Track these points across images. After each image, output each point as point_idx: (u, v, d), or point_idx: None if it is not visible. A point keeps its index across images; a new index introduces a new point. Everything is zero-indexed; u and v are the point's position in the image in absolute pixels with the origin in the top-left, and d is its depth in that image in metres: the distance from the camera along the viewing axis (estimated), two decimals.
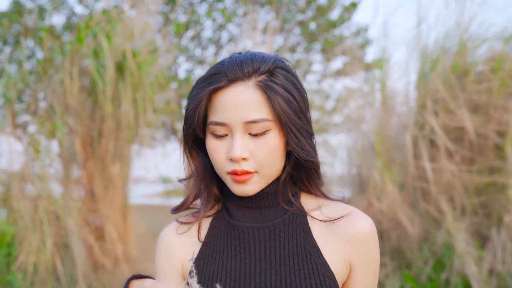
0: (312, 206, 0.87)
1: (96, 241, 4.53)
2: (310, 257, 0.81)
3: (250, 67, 0.80)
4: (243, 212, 0.86)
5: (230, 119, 0.79)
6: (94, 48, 4.11)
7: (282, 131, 0.81)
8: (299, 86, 0.83)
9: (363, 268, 0.84)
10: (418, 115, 4.76)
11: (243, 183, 0.81)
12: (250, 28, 6.50)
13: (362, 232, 0.84)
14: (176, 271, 0.89)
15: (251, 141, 0.80)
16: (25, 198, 3.56)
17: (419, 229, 4.30)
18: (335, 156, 5.56)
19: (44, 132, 3.97)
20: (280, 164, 0.84)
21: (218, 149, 0.82)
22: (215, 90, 0.80)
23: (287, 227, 0.84)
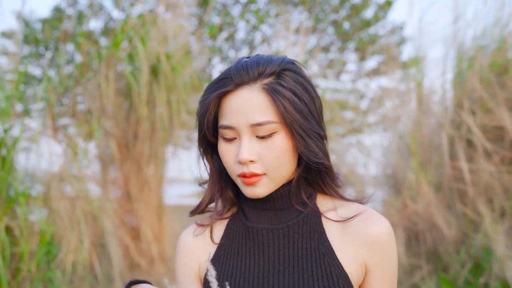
0: (328, 207, 0.87)
1: (132, 241, 4.63)
2: (324, 258, 0.81)
3: (255, 70, 0.81)
4: (258, 214, 0.87)
5: (237, 123, 0.81)
6: (129, 52, 4.21)
7: (290, 133, 0.81)
8: (309, 88, 0.83)
9: (380, 270, 0.83)
10: (455, 115, 4.65)
11: (252, 185, 0.82)
12: (283, 29, 6.51)
13: (378, 234, 0.82)
14: (194, 273, 0.91)
15: (259, 143, 0.81)
16: (64, 198, 3.67)
17: (456, 231, 4.20)
18: (369, 157, 5.50)
19: (82, 135, 4.09)
20: (290, 166, 0.84)
21: (228, 152, 0.83)
22: (223, 94, 0.82)
23: (301, 228, 0.84)
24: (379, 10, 11.12)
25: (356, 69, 12.14)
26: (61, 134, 4.47)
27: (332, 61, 11.55)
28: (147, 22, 4.42)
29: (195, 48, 5.36)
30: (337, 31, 11.26)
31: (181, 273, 0.93)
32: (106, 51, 4.18)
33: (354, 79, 11.97)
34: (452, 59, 4.99)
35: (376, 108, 7.12)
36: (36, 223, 3.35)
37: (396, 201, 4.65)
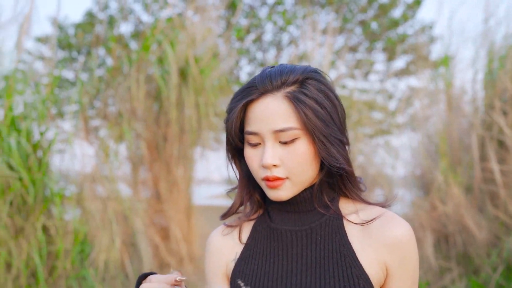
0: (350, 210, 0.90)
1: (162, 240, 4.72)
2: (345, 260, 0.83)
3: (278, 79, 0.84)
4: (282, 216, 0.91)
5: (261, 129, 0.84)
6: (159, 56, 4.30)
7: (312, 139, 0.84)
8: (331, 96, 0.86)
9: (400, 273, 0.85)
10: (486, 115, 4.58)
11: (276, 189, 0.85)
12: (310, 30, 6.52)
13: (398, 236, 0.84)
14: (222, 272, 0.95)
15: (281, 148, 0.84)
16: (96, 198, 3.78)
17: (487, 234, 4.13)
18: (397, 158, 5.46)
19: (113, 137, 4.20)
20: (312, 170, 0.87)
21: (253, 157, 0.87)
22: (248, 102, 0.86)
23: (323, 230, 0.87)
24: (408, 9, 10.99)
25: (384, 69, 12.03)
26: (93, 136, 4.60)
27: (360, 61, 11.47)
28: (176, 25, 4.50)
29: (223, 51, 5.42)
30: (365, 31, 11.18)
31: (210, 271, 0.98)
32: (136, 55, 4.28)
33: (382, 79, 11.87)
34: (483, 58, 4.91)
35: (404, 108, 7.05)
36: (70, 222, 3.46)
37: (425, 202, 4.61)
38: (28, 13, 3.84)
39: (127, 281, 3.90)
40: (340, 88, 7.98)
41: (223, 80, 5.33)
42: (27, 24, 3.82)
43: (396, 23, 10.86)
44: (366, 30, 11.11)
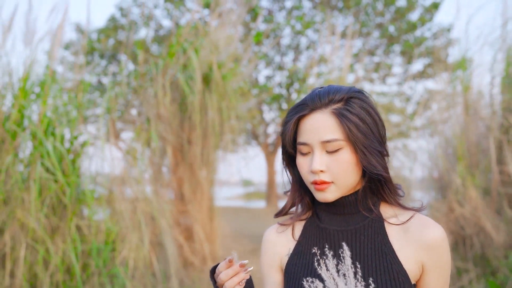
0: (389, 214, 1.03)
1: (186, 240, 4.88)
2: (386, 257, 0.96)
3: (326, 98, 0.99)
4: (330, 217, 1.05)
5: (311, 140, 0.98)
6: (183, 63, 4.46)
7: (354, 149, 0.97)
8: (373, 113, 1.00)
9: (435, 270, 0.98)
10: (503, 119, 4.64)
11: (322, 191, 0.98)
12: (328, 33, 6.62)
13: (435, 239, 0.96)
14: (276, 264, 1.09)
15: (327, 157, 0.98)
16: (125, 200, 3.95)
17: (505, 236, 4.20)
18: (415, 160, 5.51)
19: (140, 140, 4.38)
20: (354, 176, 0.99)
21: (303, 164, 1.01)
22: (300, 117, 1.02)
23: (366, 231, 1.01)
24: (425, 12, 10.99)
25: (401, 72, 12.04)
26: (121, 140, 4.79)
27: (378, 65, 11.50)
28: (199, 32, 4.66)
29: (244, 56, 5.57)
30: (383, 35, 11.21)
31: (266, 264, 1.11)
32: (162, 62, 4.45)
33: (400, 82, 11.88)
34: (501, 62, 4.97)
35: (422, 111, 7.10)
36: (102, 222, 3.64)
37: (443, 205, 4.68)
38: (61, 23, 4.04)
39: (154, 279, 4.07)
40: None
41: (244, 85, 5.48)
42: (60, 34, 4.01)
43: (414, 26, 10.87)
44: (383, 33, 11.14)
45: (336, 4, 11.33)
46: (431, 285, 0.98)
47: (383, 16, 11.25)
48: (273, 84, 12.06)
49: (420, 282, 0.99)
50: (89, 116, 5.62)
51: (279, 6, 11.63)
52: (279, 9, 11.67)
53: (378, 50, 11.77)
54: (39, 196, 3.35)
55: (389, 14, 11.22)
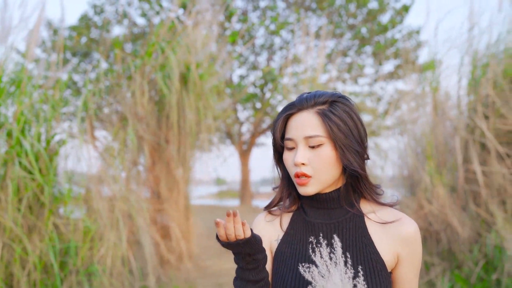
0: (368, 210, 1.14)
1: (162, 239, 4.93)
2: (366, 248, 1.08)
3: (312, 100, 1.11)
4: (314, 212, 1.15)
5: (296, 135, 1.09)
6: (161, 63, 4.50)
7: (334, 146, 1.10)
8: (354, 117, 1.11)
9: (409, 261, 1.09)
10: (469, 119, 4.84)
11: (304, 185, 1.08)
12: (302, 34, 6.74)
13: (409, 233, 1.08)
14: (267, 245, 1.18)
15: (310, 151, 1.08)
16: (103, 198, 3.97)
17: (469, 231, 4.40)
18: (386, 159, 5.67)
19: (118, 139, 4.40)
20: (333, 172, 1.09)
21: (288, 158, 1.11)
22: (288, 116, 1.13)
23: (348, 224, 1.12)
24: (396, 15, 11.26)
25: (373, 72, 12.30)
26: (98, 139, 4.79)
27: (350, 65, 11.72)
28: (177, 32, 4.70)
29: (219, 56, 5.63)
30: (355, 36, 11.43)
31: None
32: (140, 61, 4.48)
33: (371, 83, 12.14)
34: (467, 65, 5.17)
35: (392, 111, 7.29)
36: (80, 221, 3.66)
37: (412, 202, 4.85)
38: (38, 21, 4.03)
39: (132, 277, 4.10)
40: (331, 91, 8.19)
41: (220, 84, 5.55)
42: (36, 32, 4.00)
43: (385, 28, 11.12)
44: (356, 34, 11.36)
45: (310, 5, 11.49)
46: (404, 274, 1.10)
47: (356, 17, 11.47)
48: (247, 83, 12.16)
49: (395, 271, 1.10)
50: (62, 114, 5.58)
51: (253, 5, 11.71)
52: (253, 9, 11.75)
53: (350, 51, 11.99)
54: (16, 195, 3.35)
55: (361, 16, 11.45)
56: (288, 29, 11.08)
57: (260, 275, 1.04)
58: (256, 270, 1.04)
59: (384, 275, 1.05)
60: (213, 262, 5.61)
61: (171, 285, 4.49)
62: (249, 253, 1.01)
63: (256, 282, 1.04)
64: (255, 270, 1.03)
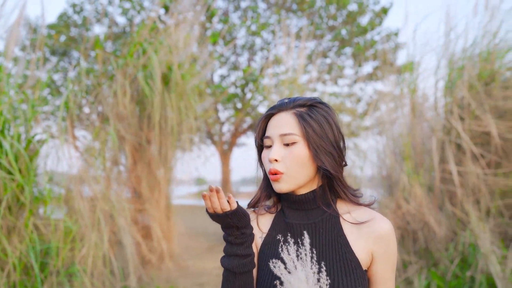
0: (344, 210, 1.19)
1: (143, 239, 4.93)
2: (341, 247, 1.12)
3: (292, 103, 1.17)
4: (293, 213, 1.20)
5: (273, 133, 1.15)
6: (143, 63, 4.50)
7: (308, 146, 1.14)
8: (331, 121, 1.16)
9: (383, 259, 1.13)
10: (445, 121, 4.96)
11: (277, 182, 1.13)
12: (283, 35, 6.80)
13: (383, 231, 1.12)
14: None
15: (284, 149, 1.13)
16: (84, 199, 3.96)
17: (445, 230, 4.51)
18: (365, 159, 5.77)
19: (99, 139, 4.38)
20: (306, 171, 1.13)
21: (265, 155, 1.17)
22: (269, 116, 1.19)
23: (324, 225, 1.16)
24: (375, 17, 11.42)
25: (352, 73, 12.45)
26: (79, 138, 4.76)
27: (330, 66, 11.83)
28: (159, 32, 4.71)
29: (201, 56, 5.65)
30: (335, 37, 11.55)
31: None
32: (123, 61, 4.47)
33: (351, 84, 12.28)
34: (444, 68, 5.30)
35: (371, 111, 7.40)
36: (60, 222, 3.64)
37: (390, 202, 4.95)
38: (18, 20, 3.99)
39: (113, 277, 4.10)
40: (311, 91, 8.28)
41: (201, 84, 5.57)
42: (16, 31, 3.96)
43: (364, 30, 11.26)
44: (336, 36, 11.48)
45: (291, 6, 11.57)
46: (379, 272, 1.14)
47: (336, 19, 11.59)
48: (228, 83, 12.18)
49: (371, 269, 1.14)
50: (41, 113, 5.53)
51: (234, 6, 11.74)
52: (234, 9, 11.78)
53: (330, 52, 12.11)
54: None
55: (341, 17, 11.57)
56: (269, 30, 11.13)
57: (247, 250, 1.09)
58: (243, 245, 1.09)
59: (359, 273, 1.10)
60: (194, 262, 5.62)
61: (153, 285, 4.50)
62: (237, 226, 1.07)
63: (243, 257, 1.09)
64: (242, 245, 1.09)
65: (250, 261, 1.10)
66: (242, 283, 1.11)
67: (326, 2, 11.08)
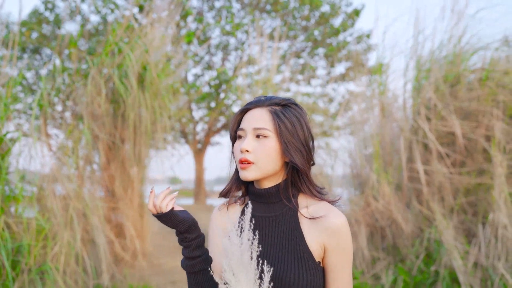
0: (303, 205, 1.26)
1: (116, 237, 4.94)
2: (296, 239, 1.21)
3: (267, 100, 1.27)
4: (257, 206, 1.28)
5: (247, 126, 1.24)
6: (119, 63, 4.51)
7: (279, 141, 1.22)
8: (302, 121, 1.26)
9: (336, 251, 1.22)
10: (413, 121, 5.12)
11: (245, 170, 1.22)
12: (257, 35, 6.87)
13: (335, 225, 1.20)
14: (217, 231, 1.33)
15: (256, 141, 1.22)
16: (56, 197, 3.95)
17: (412, 227, 4.67)
18: (336, 158, 5.89)
19: (72, 138, 4.37)
20: (274, 163, 1.23)
21: (237, 145, 1.26)
22: (245, 110, 1.29)
23: (284, 218, 1.25)
24: (348, 18, 11.61)
25: (325, 74, 12.62)
26: (52, 137, 4.74)
27: (303, 66, 11.97)
28: (135, 32, 4.72)
29: (175, 55, 5.68)
30: (308, 38, 11.69)
31: (210, 229, 1.36)
32: (98, 60, 4.48)
33: (323, 84, 12.45)
34: (412, 70, 5.46)
35: (344, 111, 7.55)
36: (32, 220, 3.63)
37: (360, 199, 5.09)
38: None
39: (86, 275, 4.11)
40: (285, 91, 8.38)
41: (176, 84, 5.60)
42: None
43: (337, 31, 11.44)
44: (309, 37, 11.62)
45: (264, 6, 11.67)
46: (333, 263, 1.22)
47: (309, 20, 11.73)
48: (202, 83, 12.20)
49: (326, 260, 1.23)
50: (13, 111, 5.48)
51: (209, 6, 11.76)
52: (209, 9, 11.80)
53: (304, 52, 12.25)
54: None
55: (314, 18, 11.72)
56: (243, 30, 11.20)
57: (193, 253, 1.20)
58: (189, 248, 1.20)
59: (311, 264, 1.19)
60: (167, 260, 5.65)
61: (126, 282, 4.52)
62: (179, 231, 1.20)
63: (191, 258, 1.20)
64: (188, 248, 1.20)
65: (199, 262, 1.20)
66: (196, 281, 1.22)
67: (300, 3, 11.21)
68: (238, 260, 1.06)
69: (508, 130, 4.48)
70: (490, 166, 4.51)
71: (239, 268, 1.06)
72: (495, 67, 4.79)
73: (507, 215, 4.08)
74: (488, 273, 3.95)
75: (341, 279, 1.22)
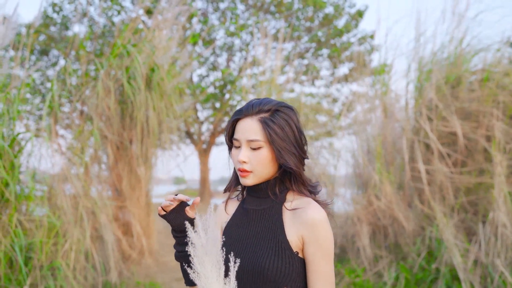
0: (289, 199, 1.37)
1: (124, 235, 5.05)
2: (277, 231, 1.31)
3: (257, 108, 1.34)
4: (251, 200, 1.40)
5: (241, 137, 1.32)
6: (127, 64, 4.62)
7: (272, 149, 1.31)
8: (292, 125, 1.34)
9: (313, 244, 1.28)
10: (415, 121, 5.20)
11: (244, 177, 1.33)
12: (261, 36, 6.97)
13: (312, 218, 1.29)
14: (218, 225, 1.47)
15: (251, 152, 1.31)
16: (66, 196, 4.07)
17: (414, 225, 4.76)
18: (339, 158, 5.97)
19: (81, 139, 4.49)
20: (269, 169, 1.33)
21: (234, 154, 1.35)
22: (236, 120, 1.37)
23: (270, 211, 1.36)
24: (351, 19, 11.68)
25: (329, 74, 12.69)
26: (62, 137, 4.86)
27: (307, 67, 12.05)
28: (143, 35, 4.83)
29: (182, 58, 5.78)
30: (312, 39, 11.77)
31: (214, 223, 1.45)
32: (107, 62, 4.59)
33: (327, 84, 12.52)
34: (414, 71, 5.55)
35: (347, 112, 7.61)
36: (43, 218, 3.75)
37: (363, 198, 5.17)
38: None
39: (95, 272, 4.22)
40: (289, 92, 8.46)
41: (182, 85, 5.71)
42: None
43: (341, 32, 11.51)
44: (312, 37, 11.70)
45: (269, 8, 11.76)
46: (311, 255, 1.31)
47: (313, 21, 11.81)
48: (207, 83, 12.30)
49: (304, 252, 1.32)
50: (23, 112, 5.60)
51: (213, 7, 11.87)
52: (213, 10, 11.90)
53: (308, 53, 12.33)
54: None
55: (318, 19, 11.80)
56: (248, 31, 11.29)
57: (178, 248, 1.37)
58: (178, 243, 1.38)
59: (288, 253, 1.29)
60: (172, 257, 5.76)
61: (133, 279, 4.63)
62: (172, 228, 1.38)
63: (178, 251, 1.37)
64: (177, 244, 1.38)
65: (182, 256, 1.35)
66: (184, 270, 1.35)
67: (303, 5, 11.29)
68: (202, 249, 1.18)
69: (508, 130, 4.56)
70: (490, 165, 4.59)
71: (204, 257, 1.18)
72: (495, 68, 4.87)
73: (506, 214, 4.16)
74: (487, 271, 4.03)
75: (318, 271, 1.30)
